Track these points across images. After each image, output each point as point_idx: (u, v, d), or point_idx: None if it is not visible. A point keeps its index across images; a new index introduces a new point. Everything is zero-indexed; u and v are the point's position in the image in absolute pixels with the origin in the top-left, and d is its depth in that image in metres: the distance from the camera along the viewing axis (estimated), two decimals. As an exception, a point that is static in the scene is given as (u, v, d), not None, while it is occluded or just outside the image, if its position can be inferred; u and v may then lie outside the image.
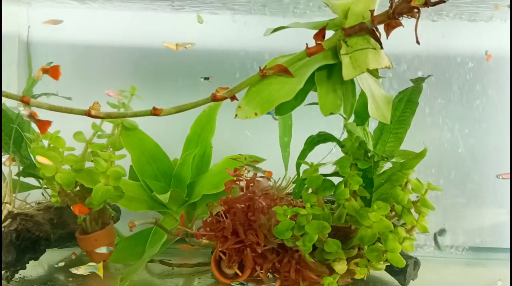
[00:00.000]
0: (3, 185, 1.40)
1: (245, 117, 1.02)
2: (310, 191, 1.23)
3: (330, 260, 1.18)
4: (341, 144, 1.28)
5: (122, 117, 1.51)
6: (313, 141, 1.32)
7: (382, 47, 1.03)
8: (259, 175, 1.34)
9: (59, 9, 1.81)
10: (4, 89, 1.10)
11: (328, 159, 1.38)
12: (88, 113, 1.07)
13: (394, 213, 1.19)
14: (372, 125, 1.33)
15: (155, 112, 1.06)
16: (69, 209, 1.41)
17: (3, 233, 1.30)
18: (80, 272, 1.27)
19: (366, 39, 1.02)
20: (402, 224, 1.20)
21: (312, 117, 1.32)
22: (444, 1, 0.94)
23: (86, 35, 1.87)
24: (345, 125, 1.25)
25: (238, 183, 1.33)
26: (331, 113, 1.04)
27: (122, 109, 1.57)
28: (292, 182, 1.57)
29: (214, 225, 1.28)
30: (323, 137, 1.32)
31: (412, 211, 1.17)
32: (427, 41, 1.77)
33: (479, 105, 1.84)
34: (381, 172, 1.29)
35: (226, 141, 1.73)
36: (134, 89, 1.60)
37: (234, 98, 1.05)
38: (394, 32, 1.02)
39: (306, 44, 1.04)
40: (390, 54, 1.07)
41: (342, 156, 1.26)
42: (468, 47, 1.83)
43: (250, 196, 1.28)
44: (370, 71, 1.06)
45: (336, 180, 1.21)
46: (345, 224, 1.19)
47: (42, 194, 1.57)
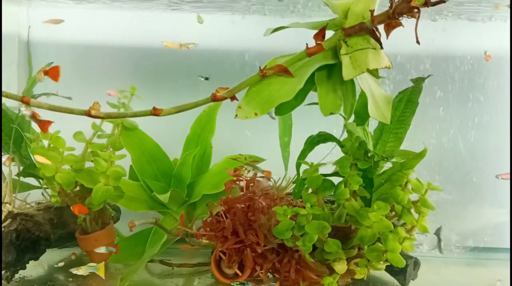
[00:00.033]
0: (3, 185, 1.40)
1: (245, 117, 1.02)
2: (310, 191, 1.23)
3: (330, 260, 1.18)
4: (341, 143, 1.28)
5: (122, 117, 1.51)
6: (313, 142, 1.32)
7: (382, 47, 1.03)
8: (259, 174, 1.34)
9: (59, 9, 1.81)
10: (4, 89, 1.10)
11: (328, 159, 1.38)
12: (88, 114, 1.08)
13: (394, 213, 1.19)
14: (372, 125, 1.33)
15: (155, 112, 1.06)
16: (69, 209, 1.41)
17: (3, 233, 1.29)
18: (80, 272, 1.27)
19: (366, 39, 1.02)
20: (402, 224, 1.20)
21: (312, 118, 1.32)
22: (444, 1, 0.94)
23: (86, 35, 1.87)
24: (345, 125, 1.25)
25: (238, 183, 1.33)
26: (331, 113, 1.04)
27: (122, 109, 1.57)
28: (292, 182, 1.57)
29: (214, 225, 1.28)
30: (323, 137, 1.32)
31: (412, 211, 1.17)
32: (427, 41, 1.78)
33: (479, 105, 1.84)
34: (381, 172, 1.29)
35: (226, 141, 1.73)
36: (134, 89, 1.60)
37: (234, 98, 1.05)
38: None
39: (306, 44, 1.04)
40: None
41: (342, 156, 1.25)
42: (468, 47, 1.83)
43: (250, 196, 1.28)
44: (370, 71, 1.06)
45: (336, 180, 1.21)
46: (345, 224, 1.19)
47: (42, 194, 1.57)
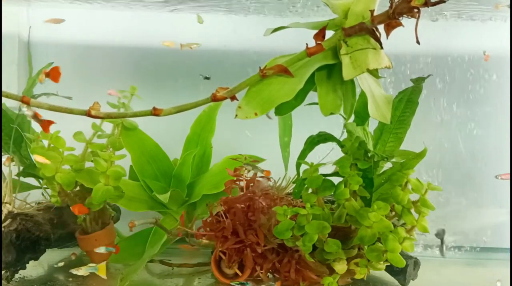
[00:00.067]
0: (3, 185, 1.40)
1: (245, 117, 1.02)
2: (310, 191, 1.23)
3: (330, 260, 1.18)
4: (341, 143, 1.28)
5: (122, 117, 1.51)
6: (313, 142, 1.32)
7: (382, 47, 1.03)
8: (259, 174, 1.34)
9: (59, 9, 1.81)
10: (4, 89, 1.10)
11: (328, 159, 1.38)
12: (88, 114, 1.07)
13: (394, 213, 1.19)
14: (372, 125, 1.33)
15: (155, 112, 1.06)
16: (69, 209, 1.41)
17: (3, 233, 1.29)
18: (80, 273, 1.27)
19: (366, 39, 1.02)
20: (402, 224, 1.20)
21: (312, 118, 1.32)
22: (444, 1, 0.94)
23: (86, 35, 1.87)
24: (345, 125, 1.25)
25: (238, 183, 1.33)
26: (331, 113, 1.04)
27: (122, 109, 1.57)
28: (292, 182, 1.57)
29: (214, 225, 1.28)
30: (323, 137, 1.32)
31: (412, 211, 1.17)
32: (427, 41, 1.78)
33: (479, 105, 1.84)
34: (381, 172, 1.29)
35: (226, 141, 1.73)
36: (134, 89, 1.60)
37: (234, 98, 1.05)
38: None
39: (306, 44, 1.03)
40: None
41: (342, 156, 1.25)
42: (468, 47, 1.83)
43: (250, 196, 1.28)
44: (370, 71, 1.06)
45: (336, 180, 1.21)
46: (345, 224, 1.19)
47: (42, 194, 1.57)
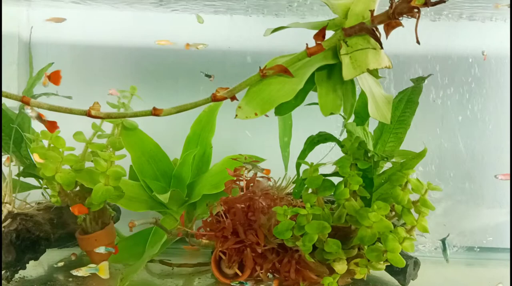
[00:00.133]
0: (3, 185, 1.40)
1: (245, 117, 1.02)
2: (310, 191, 1.22)
3: (330, 260, 1.18)
4: (341, 143, 1.28)
5: (122, 117, 1.51)
6: (313, 142, 1.32)
7: (382, 47, 1.03)
8: (259, 174, 1.34)
9: (59, 9, 1.81)
10: (4, 89, 1.10)
11: (327, 159, 1.38)
12: (88, 114, 1.07)
13: (394, 213, 1.19)
14: (372, 125, 1.33)
15: (155, 112, 1.06)
16: (69, 209, 1.41)
17: (3, 233, 1.29)
18: (80, 273, 1.27)
19: (366, 39, 1.02)
20: (402, 224, 1.20)
21: (312, 117, 1.32)
22: (444, 1, 0.94)
23: (86, 35, 1.87)
24: (345, 125, 1.25)
25: (238, 183, 1.33)
26: (331, 113, 1.04)
27: (122, 109, 1.57)
28: (292, 182, 1.57)
29: (214, 225, 1.28)
30: (323, 137, 1.32)
31: (412, 211, 1.17)
32: (427, 41, 1.78)
33: (479, 105, 1.84)
34: (381, 172, 1.29)
35: (226, 141, 1.73)
36: (134, 89, 1.60)
37: (234, 99, 1.05)
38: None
39: (306, 44, 1.03)
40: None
41: (342, 156, 1.25)
42: (468, 47, 1.83)
43: (250, 196, 1.28)
44: (370, 71, 1.06)
45: (336, 180, 1.21)
46: (345, 224, 1.19)
47: (42, 194, 1.57)
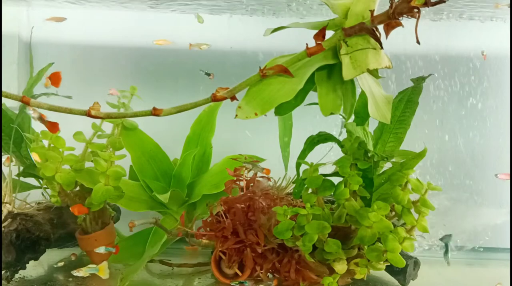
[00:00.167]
0: (3, 185, 1.40)
1: (245, 117, 1.02)
2: (310, 191, 1.22)
3: (330, 260, 1.18)
4: (341, 143, 1.28)
5: (122, 117, 1.51)
6: (313, 142, 1.32)
7: (382, 47, 1.03)
8: (259, 174, 1.34)
9: (59, 9, 1.81)
10: (4, 89, 1.10)
11: (327, 159, 1.38)
12: (88, 114, 1.07)
13: (394, 213, 1.19)
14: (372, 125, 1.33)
15: (155, 112, 1.06)
16: (69, 209, 1.41)
17: (3, 233, 1.29)
18: (81, 274, 1.27)
19: (366, 39, 1.02)
20: (402, 224, 1.20)
21: (312, 117, 1.32)
22: (444, 1, 0.94)
23: (86, 35, 1.87)
24: (345, 125, 1.25)
25: (238, 183, 1.33)
26: (331, 113, 1.04)
27: (122, 109, 1.57)
28: (292, 182, 1.56)
29: (214, 225, 1.28)
30: (323, 137, 1.32)
31: (412, 211, 1.17)
32: (427, 41, 1.78)
33: (479, 105, 1.84)
34: (381, 172, 1.29)
35: (226, 141, 1.73)
36: (134, 89, 1.60)
37: (234, 99, 1.05)
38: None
39: (306, 44, 1.03)
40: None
41: (342, 156, 1.25)
42: (468, 47, 1.83)
43: (250, 196, 1.28)
44: (370, 71, 1.06)
45: (336, 180, 1.21)
46: (345, 224, 1.19)
47: (42, 194, 1.57)
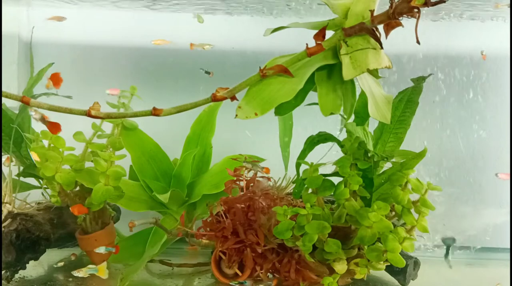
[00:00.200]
0: (3, 185, 1.40)
1: (245, 117, 1.02)
2: (310, 191, 1.22)
3: (330, 260, 1.18)
4: (341, 143, 1.28)
5: (122, 117, 1.51)
6: (313, 142, 1.32)
7: (382, 47, 1.03)
8: (259, 173, 1.34)
9: (59, 9, 1.80)
10: (4, 89, 1.10)
11: (326, 158, 1.37)
12: (88, 114, 1.07)
13: (394, 213, 1.19)
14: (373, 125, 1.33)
15: (155, 112, 1.06)
16: (69, 209, 1.41)
17: (3, 233, 1.29)
18: (81, 274, 1.27)
19: (366, 39, 1.02)
20: (402, 224, 1.20)
21: (312, 117, 1.32)
22: (444, 1, 0.94)
23: (86, 35, 1.87)
24: (345, 125, 1.25)
25: (238, 183, 1.33)
26: (331, 113, 1.04)
27: (122, 109, 1.57)
28: (292, 182, 1.57)
29: (214, 225, 1.28)
30: (323, 137, 1.32)
31: (412, 211, 1.17)
32: (427, 41, 1.78)
33: (479, 105, 1.84)
34: (381, 172, 1.29)
35: (226, 141, 1.73)
36: (134, 89, 1.60)
37: (234, 99, 1.05)
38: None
39: (306, 44, 1.03)
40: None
41: (342, 156, 1.25)
42: (468, 47, 1.83)
43: (250, 196, 1.28)
44: (370, 71, 1.06)
45: (336, 180, 1.21)
46: (345, 224, 1.19)
47: (42, 194, 1.57)
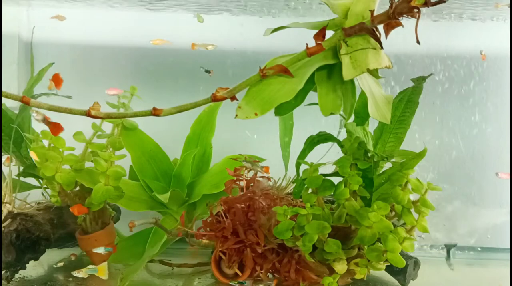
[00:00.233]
0: (3, 185, 1.40)
1: (245, 117, 1.02)
2: (310, 191, 1.22)
3: (330, 260, 1.18)
4: (341, 143, 1.28)
5: (122, 117, 1.51)
6: (313, 142, 1.32)
7: (382, 47, 1.03)
8: (259, 173, 1.34)
9: (59, 9, 1.81)
10: (4, 89, 1.10)
11: (326, 159, 1.37)
12: (88, 114, 1.07)
13: (394, 213, 1.19)
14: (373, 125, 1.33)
15: (155, 112, 1.06)
16: (69, 209, 1.41)
17: (3, 233, 1.29)
18: (81, 275, 1.27)
19: (366, 39, 1.02)
20: (402, 224, 1.20)
21: (312, 117, 1.32)
22: (444, 1, 0.94)
23: (86, 35, 1.87)
24: (345, 125, 1.25)
25: (238, 183, 1.33)
26: (331, 113, 1.04)
27: (122, 109, 1.57)
28: (292, 182, 1.57)
29: (214, 225, 1.28)
30: (323, 137, 1.32)
31: (412, 211, 1.17)
32: (427, 41, 1.78)
33: (479, 105, 1.84)
34: (381, 172, 1.29)
35: (226, 141, 1.73)
36: (134, 89, 1.60)
37: (234, 99, 1.05)
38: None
39: (306, 44, 1.03)
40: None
41: (342, 156, 1.25)
42: (468, 47, 1.83)
43: (250, 196, 1.28)
44: (370, 71, 1.06)
45: (336, 180, 1.21)
46: (345, 224, 1.19)
47: (42, 194, 1.57)
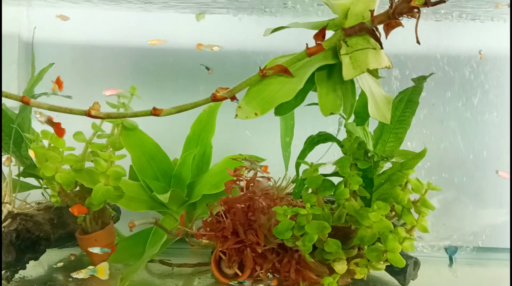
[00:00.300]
0: (3, 185, 1.40)
1: (245, 117, 1.02)
2: (310, 191, 1.22)
3: (330, 260, 1.18)
4: (341, 143, 1.28)
5: (122, 117, 1.51)
6: (313, 142, 1.32)
7: (382, 47, 1.03)
8: (259, 173, 1.34)
9: (59, 9, 1.81)
10: (4, 89, 1.10)
11: (326, 158, 1.38)
12: (88, 114, 1.07)
13: (394, 213, 1.19)
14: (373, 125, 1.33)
15: (155, 112, 1.06)
16: (69, 209, 1.41)
17: (3, 233, 1.29)
18: (81, 276, 1.28)
19: (366, 39, 1.02)
20: (402, 224, 1.20)
21: (312, 117, 1.32)
22: (444, 1, 0.94)
23: (86, 35, 1.87)
24: (345, 125, 1.25)
25: (238, 183, 1.33)
26: (331, 113, 1.04)
27: (122, 109, 1.57)
28: (292, 182, 1.57)
29: (214, 225, 1.28)
30: (323, 137, 1.32)
31: (412, 211, 1.17)
32: (427, 41, 1.78)
33: (479, 105, 1.84)
34: (381, 172, 1.29)
35: (226, 141, 1.73)
36: (134, 89, 1.60)
37: (234, 99, 1.05)
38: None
39: (306, 44, 1.03)
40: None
41: (342, 156, 1.26)
42: (468, 47, 1.83)
43: (250, 196, 1.28)
44: (370, 71, 1.06)
45: (336, 180, 1.21)
46: (345, 224, 1.19)
47: (42, 194, 1.57)
